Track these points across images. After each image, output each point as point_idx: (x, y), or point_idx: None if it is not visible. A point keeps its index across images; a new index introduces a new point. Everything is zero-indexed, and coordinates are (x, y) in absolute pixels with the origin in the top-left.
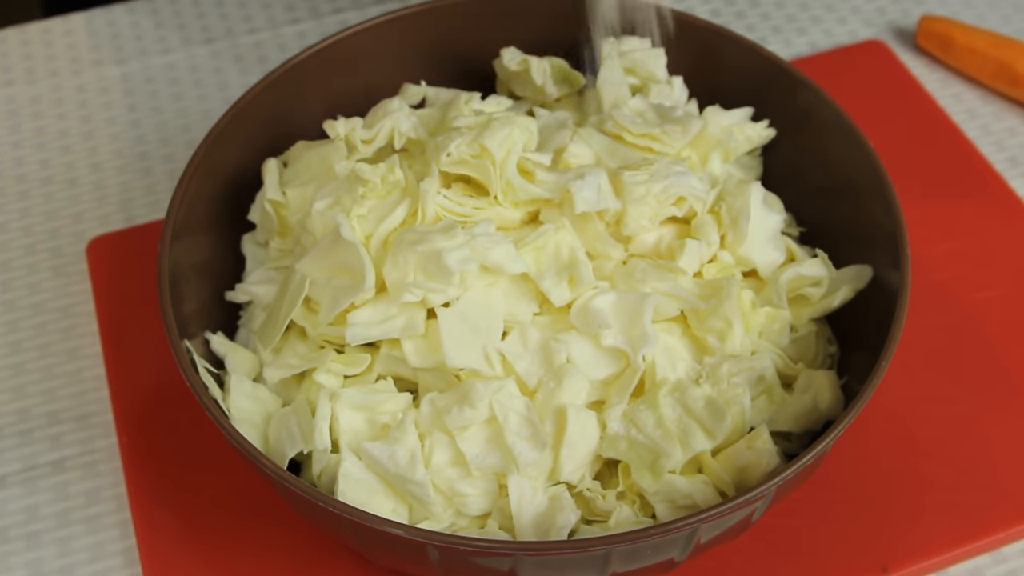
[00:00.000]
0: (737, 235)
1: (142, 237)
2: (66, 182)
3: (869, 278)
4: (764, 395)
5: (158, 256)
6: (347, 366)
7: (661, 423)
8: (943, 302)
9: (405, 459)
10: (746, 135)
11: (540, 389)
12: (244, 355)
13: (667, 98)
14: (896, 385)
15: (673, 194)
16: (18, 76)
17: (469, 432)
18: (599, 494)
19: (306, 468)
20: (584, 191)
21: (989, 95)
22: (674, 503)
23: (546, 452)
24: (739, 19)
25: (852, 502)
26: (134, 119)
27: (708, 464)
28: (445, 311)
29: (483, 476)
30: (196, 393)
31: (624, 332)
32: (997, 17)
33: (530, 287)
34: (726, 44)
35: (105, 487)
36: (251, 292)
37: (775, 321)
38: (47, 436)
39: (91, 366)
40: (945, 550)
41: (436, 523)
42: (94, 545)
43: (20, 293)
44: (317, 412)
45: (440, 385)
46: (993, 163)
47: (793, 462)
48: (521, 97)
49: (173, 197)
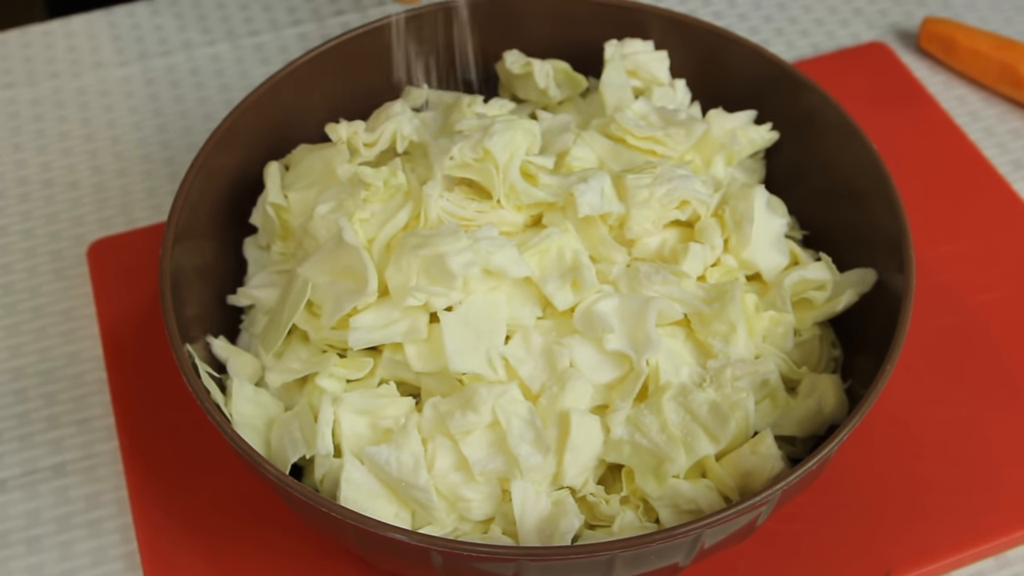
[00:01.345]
0: (741, 239)
1: (143, 240)
2: (67, 185)
3: (873, 282)
4: (768, 399)
5: (160, 259)
6: (349, 370)
7: (665, 427)
8: (946, 304)
9: (408, 464)
10: (749, 138)
11: (543, 393)
12: (246, 359)
13: (670, 101)
14: (900, 388)
15: (677, 198)
16: (19, 78)
17: (472, 437)
18: (603, 499)
19: (308, 473)
20: (587, 195)
21: (992, 97)
22: (678, 508)
23: (549, 457)
24: (742, 21)
25: (855, 506)
26: (135, 121)
27: (712, 469)
28: (448, 315)
29: (486, 481)
30: (198, 398)
31: (628, 336)
32: (1000, 19)
33: (533, 291)
34: (729, 47)
35: (106, 491)
36: (253, 296)
37: (779, 325)
38: (48, 440)
39: (92, 369)
40: (949, 554)
41: (439, 528)
42: (95, 549)
43: (21, 296)
44: (319, 416)
45: (443, 389)
46: (996, 165)
47: (797, 467)
48: (524, 100)
49: (175, 200)
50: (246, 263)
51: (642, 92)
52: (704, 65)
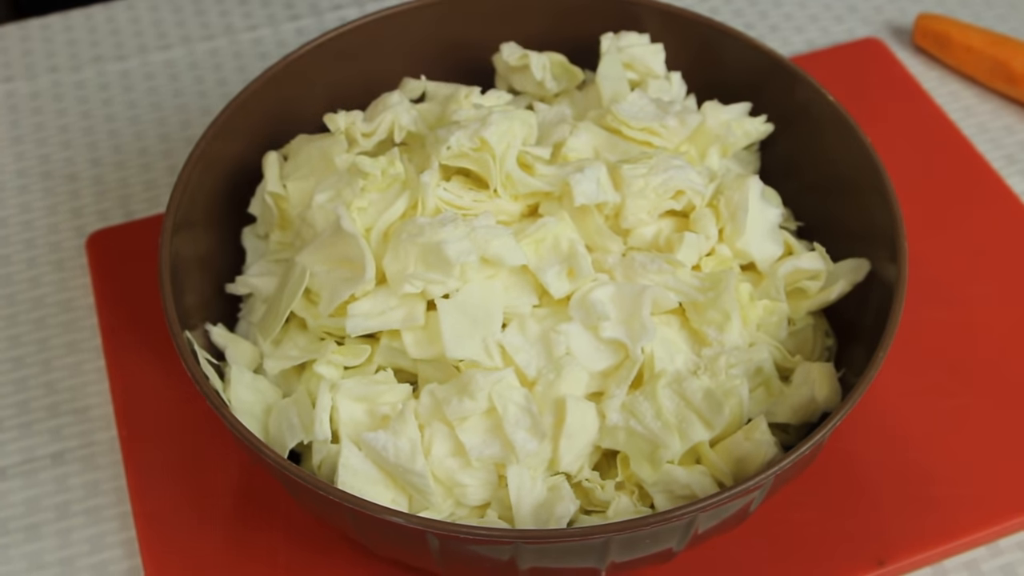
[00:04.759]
0: (735, 228)
1: (141, 232)
2: (66, 177)
3: (867, 272)
4: (762, 387)
5: (159, 247)
6: (347, 357)
7: (660, 414)
8: (939, 296)
9: (405, 449)
10: (744, 130)
11: (539, 380)
12: (244, 347)
13: (666, 93)
14: (892, 378)
15: (672, 188)
16: (18, 72)
17: (469, 423)
18: (598, 484)
19: (306, 459)
20: (583, 184)
21: (986, 93)
22: (672, 493)
23: (545, 443)
24: (737, 17)
25: (848, 495)
26: (134, 115)
27: (706, 455)
28: (445, 302)
29: (483, 466)
30: (197, 383)
31: (623, 324)
32: (993, 16)
33: (530, 279)
34: (725, 40)
35: (105, 479)
36: (251, 284)
37: (773, 314)
38: (47, 429)
39: (91, 359)
40: (941, 543)
41: (436, 513)
42: (94, 537)
43: (20, 287)
44: (317, 403)
45: (440, 376)
46: (989, 160)
47: (790, 452)
48: (520, 92)
49: (174, 189)
50: (244, 252)
51: (638, 84)
52: (699, 58)
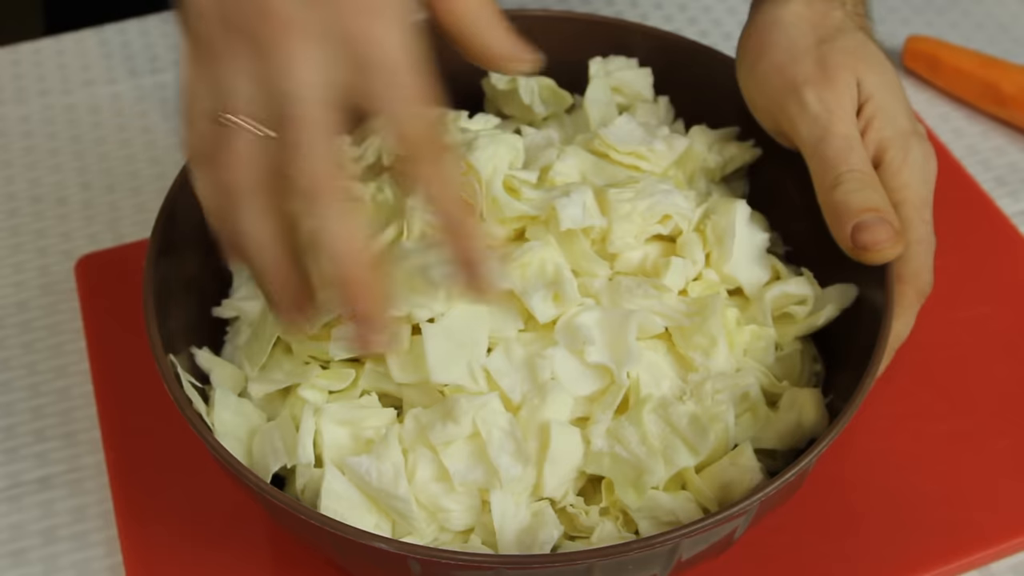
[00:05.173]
0: (722, 253)
1: (130, 255)
2: (56, 201)
3: (854, 297)
4: (748, 412)
5: (144, 270)
6: (332, 381)
7: (645, 439)
8: (928, 320)
9: (388, 474)
10: (732, 154)
11: (524, 405)
12: (229, 370)
13: (653, 117)
14: (882, 402)
15: (659, 212)
16: (8, 96)
17: (453, 448)
18: (582, 510)
19: (290, 483)
20: (569, 208)
21: (976, 115)
22: (657, 519)
23: (529, 468)
24: (727, 40)
25: (837, 520)
26: (124, 139)
27: (692, 481)
28: (430, 327)
29: (466, 492)
30: (179, 405)
31: (609, 349)
32: (983, 38)
33: (515, 303)
34: (713, 64)
35: (91, 504)
36: (238, 307)
37: (760, 339)
38: (33, 453)
39: (79, 383)
40: (932, 567)
41: (419, 538)
42: (80, 562)
43: (8, 311)
44: (301, 427)
45: (424, 401)
46: (980, 182)
47: (775, 478)
48: (509, 116)
49: (160, 212)
50: (231, 275)
51: (626, 108)
52: (687, 82)
